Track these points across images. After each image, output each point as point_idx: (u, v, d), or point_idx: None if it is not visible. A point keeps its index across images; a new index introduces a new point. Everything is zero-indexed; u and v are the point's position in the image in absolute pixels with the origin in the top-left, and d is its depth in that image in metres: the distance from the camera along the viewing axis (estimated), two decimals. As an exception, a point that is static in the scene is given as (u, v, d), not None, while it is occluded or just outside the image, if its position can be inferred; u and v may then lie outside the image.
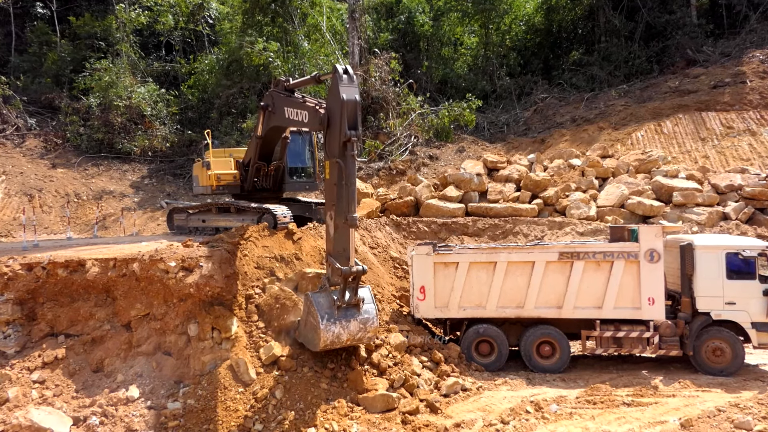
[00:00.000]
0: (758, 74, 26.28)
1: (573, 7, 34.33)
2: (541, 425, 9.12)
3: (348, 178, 9.46)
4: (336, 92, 9.53)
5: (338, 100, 9.44)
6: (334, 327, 9.59)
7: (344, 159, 9.45)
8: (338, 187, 9.59)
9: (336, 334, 9.62)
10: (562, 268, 11.73)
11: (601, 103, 28.69)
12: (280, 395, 9.61)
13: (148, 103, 28.28)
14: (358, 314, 9.85)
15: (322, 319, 9.49)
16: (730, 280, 11.50)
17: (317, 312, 9.55)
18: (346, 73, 9.62)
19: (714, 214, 17.79)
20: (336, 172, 9.60)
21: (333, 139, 9.69)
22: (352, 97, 9.43)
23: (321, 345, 9.59)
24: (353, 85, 9.61)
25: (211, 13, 34.02)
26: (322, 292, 9.96)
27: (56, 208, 23.52)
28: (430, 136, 27.17)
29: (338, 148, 9.51)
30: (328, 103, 10.06)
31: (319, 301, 9.72)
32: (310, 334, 9.91)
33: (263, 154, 13.97)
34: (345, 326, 9.71)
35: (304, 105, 11.01)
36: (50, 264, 11.05)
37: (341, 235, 9.71)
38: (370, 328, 10.04)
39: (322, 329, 9.47)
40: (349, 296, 9.75)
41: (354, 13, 26.25)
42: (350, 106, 9.38)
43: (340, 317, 9.66)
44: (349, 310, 9.78)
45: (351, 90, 9.51)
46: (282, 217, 12.86)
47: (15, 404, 9.50)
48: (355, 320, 9.81)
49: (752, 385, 10.72)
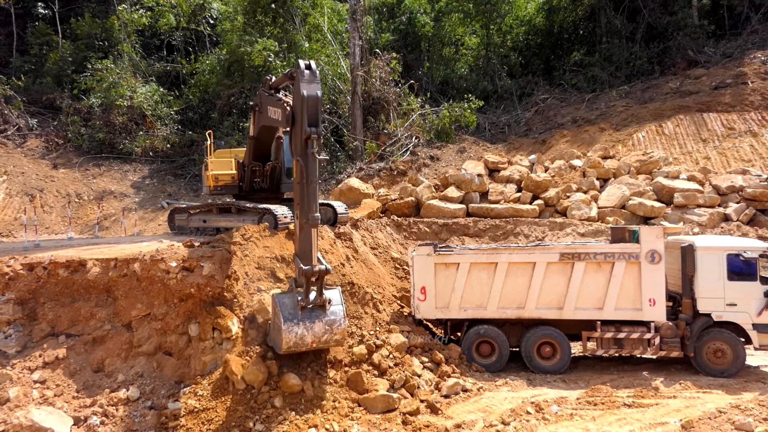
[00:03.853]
0: (759, 75, 26.26)
1: (574, 8, 34.34)
2: (541, 426, 9.12)
3: (309, 176, 9.22)
4: (297, 89, 9.33)
5: (299, 97, 9.26)
6: (297, 328, 9.26)
7: (305, 157, 9.23)
8: (300, 186, 9.38)
9: (299, 335, 9.29)
10: (563, 269, 11.72)
11: (602, 103, 28.68)
12: (281, 395, 9.60)
13: (150, 104, 28.31)
14: (324, 315, 9.52)
15: (284, 321, 9.22)
16: (731, 281, 11.47)
17: (280, 313, 9.31)
18: (308, 69, 9.39)
19: (715, 215, 17.77)
20: (299, 171, 9.39)
21: (296, 136, 9.50)
22: (313, 93, 9.23)
23: (284, 347, 9.30)
24: (315, 80, 9.37)
25: (212, 13, 34.06)
26: (287, 293, 9.72)
27: (57, 208, 23.54)
28: (431, 137, 27.17)
29: (300, 147, 9.32)
30: (293, 99, 9.86)
31: (283, 302, 9.45)
32: (274, 334, 9.71)
33: (258, 154, 13.93)
34: (309, 327, 9.36)
35: (278, 103, 10.76)
36: (51, 264, 11.08)
37: (305, 235, 9.50)
38: (337, 330, 9.66)
39: (284, 330, 9.19)
40: (314, 297, 9.46)
41: (355, 14, 26.24)
42: (311, 102, 9.19)
43: (303, 318, 9.33)
44: (314, 311, 9.47)
45: (312, 86, 9.28)
46: (283, 217, 12.84)
47: (16, 404, 9.53)
48: (321, 321, 9.46)
49: (753, 387, 10.69)
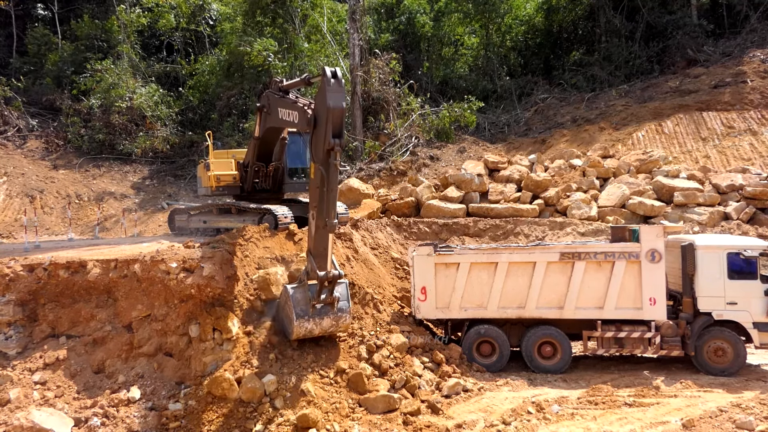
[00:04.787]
0: (759, 74, 26.25)
1: (573, 8, 34.33)
2: (542, 426, 9.11)
3: (330, 185, 9.54)
4: (323, 98, 9.45)
5: (324, 106, 9.38)
6: (307, 324, 10.19)
7: (327, 167, 9.49)
8: (320, 193, 9.72)
9: (308, 329, 10.25)
10: (564, 269, 11.72)
11: (602, 103, 28.67)
12: (281, 396, 9.58)
13: (149, 104, 28.30)
14: (332, 312, 10.41)
15: (296, 317, 10.07)
16: (731, 280, 11.47)
17: (293, 307, 10.09)
18: (334, 77, 9.45)
19: (715, 214, 17.76)
20: (319, 177, 9.69)
21: (318, 143, 9.69)
22: (338, 104, 9.35)
23: (294, 337, 10.28)
24: (341, 90, 9.52)
25: (212, 14, 34.04)
26: (299, 287, 10.39)
27: (57, 209, 23.53)
28: (431, 137, 27.16)
29: (322, 155, 9.54)
30: (316, 105, 10.02)
31: (296, 297, 10.22)
32: (285, 323, 10.55)
33: (262, 154, 13.96)
34: (318, 323, 10.31)
35: (294, 105, 10.97)
36: (51, 265, 11.07)
37: (321, 238, 10.00)
38: (342, 324, 10.70)
39: (296, 325, 10.09)
40: (324, 296, 10.20)
41: (354, 14, 26.24)
42: (336, 114, 9.32)
43: (314, 315, 10.20)
44: (324, 308, 10.31)
45: (338, 97, 9.39)
46: (283, 217, 12.85)
47: (16, 405, 9.52)
48: (329, 317, 10.40)
49: (754, 385, 10.69)
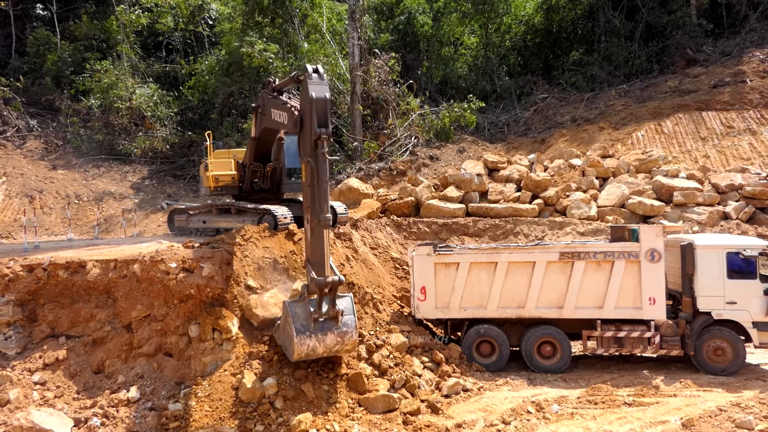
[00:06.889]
0: (758, 73, 26.25)
1: (573, 7, 34.31)
2: (542, 425, 9.11)
3: (320, 176, 9.28)
4: (306, 91, 9.46)
5: (308, 99, 9.37)
6: (309, 341, 9.24)
7: (315, 158, 9.31)
8: (311, 188, 9.41)
9: (311, 347, 9.29)
10: (563, 268, 11.73)
11: (601, 103, 28.67)
12: (281, 396, 9.59)
13: (149, 105, 28.29)
14: (336, 327, 9.49)
15: (297, 333, 9.15)
16: (731, 279, 11.49)
17: (292, 323, 9.22)
18: (316, 72, 9.61)
19: (714, 213, 17.77)
20: (309, 173, 9.44)
21: (305, 138, 9.54)
22: (321, 94, 9.36)
23: (295, 357, 9.33)
24: (323, 83, 9.56)
25: (211, 14, 34.04)
26: (299, 302, 9.54)
27: (57, 209, 23.51)
28: (431, 137, 27.16)
29: (309, 147, 9.39)
30: (301, 103, 9.96)
31: (295, 312, 9.34)
32: (286, 342, 9.65)
33: (259, 155, 13.95)
34: (321, 339, 9.35)
35: (284, 106, 10.87)
36: (51, 265, 11.06)
37: (317, 239, 9.45)
38: (348, 342, 9.70)
39: (296, 343, 9.16)
40: (326, 308, 9.40)
41: (354, 14, 26.21)
42: (320, 104, 9.31)
43: (316, 330, 9.30)
44: (326, 322, 9.43)
45: (321, 88, 9.43)
46: (282, 217, 12.83)
47: (16, 405, 9.52)
48: (333, 333, 9.45)
49: (753, 385, 10.71)
